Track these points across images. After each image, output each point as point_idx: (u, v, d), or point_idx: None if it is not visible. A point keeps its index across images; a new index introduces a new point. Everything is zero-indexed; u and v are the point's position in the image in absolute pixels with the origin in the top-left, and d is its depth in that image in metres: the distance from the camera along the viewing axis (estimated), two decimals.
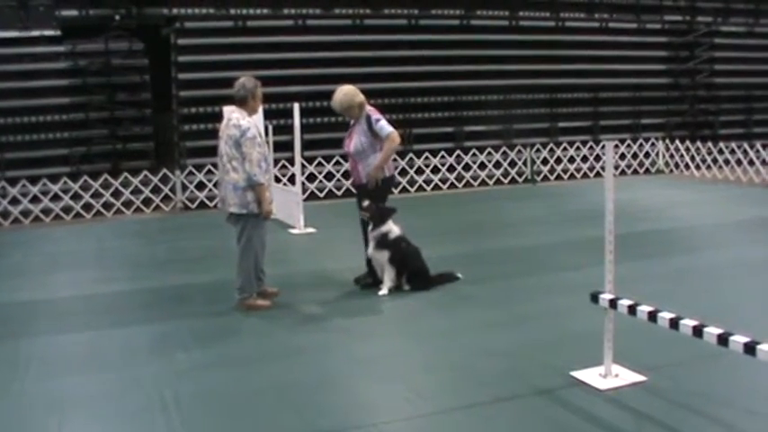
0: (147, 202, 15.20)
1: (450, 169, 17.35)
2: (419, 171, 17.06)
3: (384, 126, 7.80)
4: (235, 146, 7.24)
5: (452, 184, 17.31)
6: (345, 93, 7.91)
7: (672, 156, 18.55)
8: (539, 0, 19.11)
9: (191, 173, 15.47)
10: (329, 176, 16.17)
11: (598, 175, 17.93)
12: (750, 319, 6.36)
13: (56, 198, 14.61)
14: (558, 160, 18.35)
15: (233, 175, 7.27)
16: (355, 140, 7.91)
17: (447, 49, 17.85)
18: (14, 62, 15.14)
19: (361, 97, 7.92)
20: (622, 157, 18.33)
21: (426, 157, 17.13)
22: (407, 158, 16.89)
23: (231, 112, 7.47)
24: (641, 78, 20.00)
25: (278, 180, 14.31)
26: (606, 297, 5.15)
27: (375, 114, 7.86)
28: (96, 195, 14.78)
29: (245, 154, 7.20)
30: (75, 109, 15.56)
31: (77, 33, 15.49)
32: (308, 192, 15.44)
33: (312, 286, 8.45)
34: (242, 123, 7.26)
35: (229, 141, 7.28)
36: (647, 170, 18.80)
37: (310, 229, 12.01)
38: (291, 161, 13.96)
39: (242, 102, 7.42)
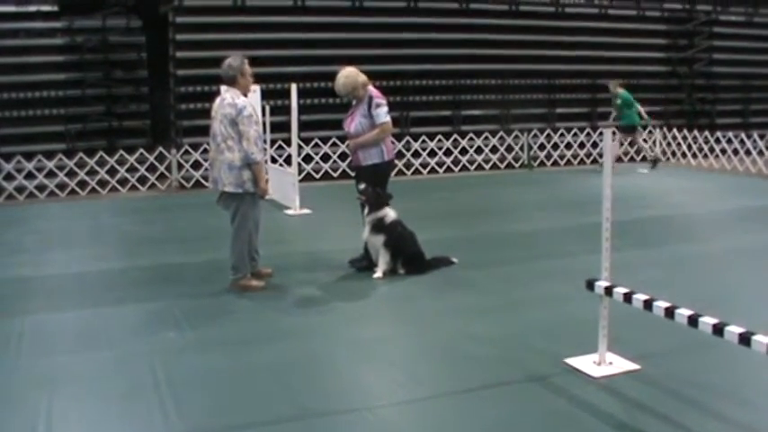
0: (142, 180, 15.14)
1: (447, 153, 17.30)
2: (416, 154, 17.00)
3: (381, 114, 7.75)
4: (230, 125, 7.19)
5: (449, 168, 17.27)
6: (347, 75, 7.83)
7: (669, 144, 18.52)
8: None
9: (187, 152, 15.39)
10: (326, 158, 16.12)
11: (595, 161, 17.95)
12: (745, 308, 6.38)
13: (51, 175, 14.52)
14: (556, 146, 18.33)
15: (228, 154, 7.22)
16: (356, 122, 7.85)
17: (446, 33, 17.74)
18: (11, 37, 14.99)
19: (364, 77, 7.86)
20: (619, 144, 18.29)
21: (423, 141, 17.07)
22: (404, 141, 16.83)
23: (225, 92, 7.42)
24: (640, 66, 19.92)
25: (274, 161, 14.25)
26: (602, 284, 5.14)
27: (378, 98, 7.80)
28: (91, 173, 14.70)
29: (243, 132, 7.15)
30: (71, 85, 15.44)
31: (75, 9, 15.35)
32: (305, 173, 15.38)
33: (307, 268, 8.43)
34: (237, 102, 7.21)
35: (224, 120, 7.22)
36: (643, 158, 18.77)
37: (306, 211, 11.98)
38: (288, 142, 13.90)
39: (232, 81, 7.36)
